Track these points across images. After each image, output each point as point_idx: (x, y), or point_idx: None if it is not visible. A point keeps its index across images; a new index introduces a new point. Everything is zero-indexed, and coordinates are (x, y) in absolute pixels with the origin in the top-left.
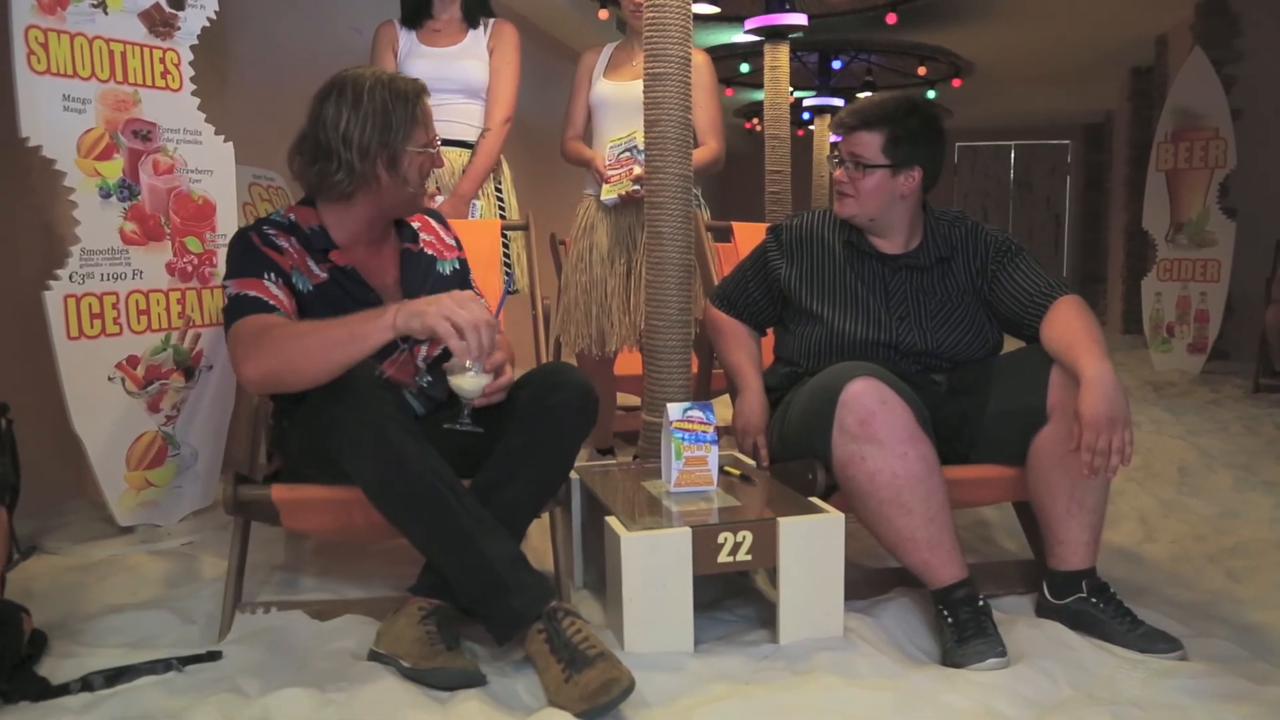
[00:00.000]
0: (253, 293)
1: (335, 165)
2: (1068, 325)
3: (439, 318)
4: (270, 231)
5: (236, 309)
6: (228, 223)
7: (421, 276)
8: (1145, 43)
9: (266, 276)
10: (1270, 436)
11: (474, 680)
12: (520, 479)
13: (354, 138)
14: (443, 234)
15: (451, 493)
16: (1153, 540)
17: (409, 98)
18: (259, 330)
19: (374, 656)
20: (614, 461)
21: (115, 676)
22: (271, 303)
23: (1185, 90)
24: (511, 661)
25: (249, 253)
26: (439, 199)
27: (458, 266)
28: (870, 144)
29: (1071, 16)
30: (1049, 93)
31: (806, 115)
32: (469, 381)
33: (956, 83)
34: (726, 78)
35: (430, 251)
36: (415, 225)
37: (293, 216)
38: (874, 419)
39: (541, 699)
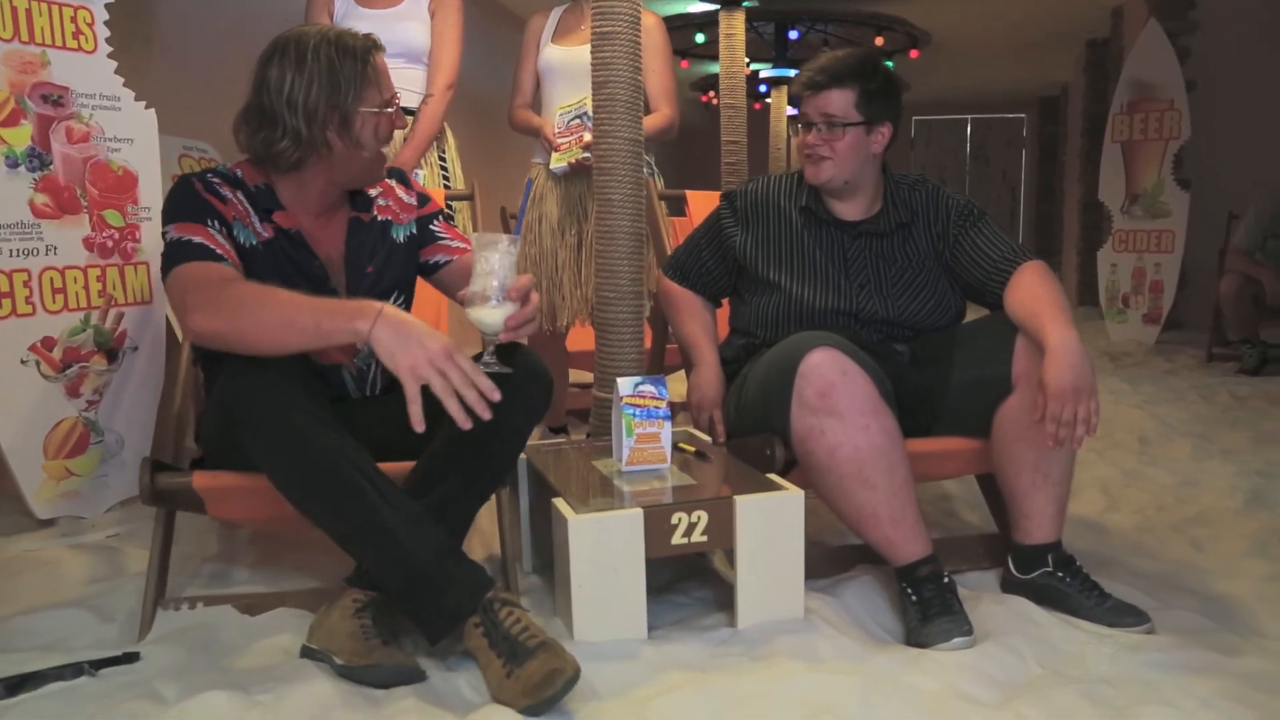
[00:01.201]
0: (198, 239)
1: (280, 132)
2: (1032, 292)
3: (411, 373)
4: (213, 180)
5: (179, 253)
6: (152, 195)
7: (370, 249)
8: (1101, 14)
9: (210, 224)
10: (1225, 405)
11: (412, 677)
12: (464, 468)
13: (299, 101)
14: (402, 194)
15: (369, 483)
16: (1115, 510)
17: (358, 54)
18: (216, 282)
19: (306, 653)
20: (565, 441)
21: (18, 685)
22: (218, 250)
23: (1140, 62)
24: (456, 654)
25: (191, 198)
26: None
27: (414, 231)
28: (843, 101)
29: None
30: (1005, 66)
31: (763, 88)
32: (489, 314)
33: (914, 54)
34: (682, 49)
35: (386, 217)
36: (373, 191)
37: (239, 172)
38: (834, 391)
39: (486, 694)
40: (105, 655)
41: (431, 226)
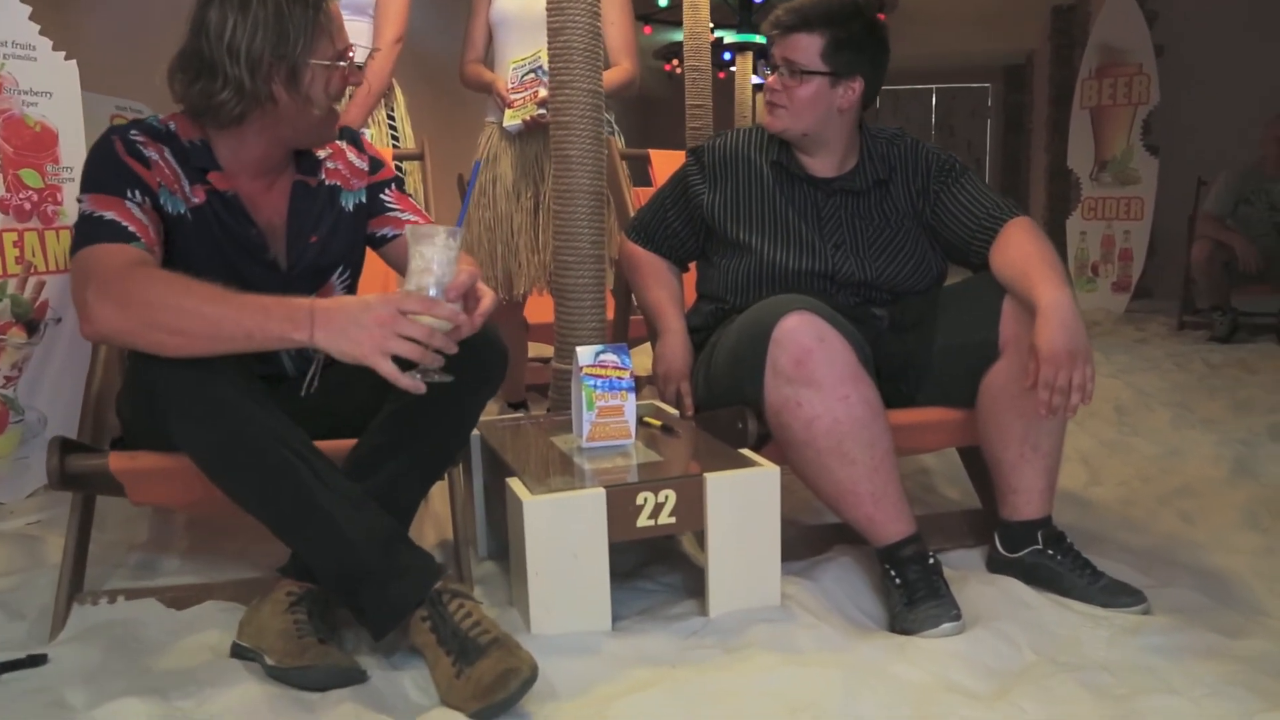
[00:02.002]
0: (110, 214)
1: (220, 83)
2: (1020, 250)
3: (376, 354)
4: (138, 138)
5: (88, 232)
6: (73, 153)
7: (315, 217)
8: None
9: (129, 195)
10: (1200, 373)
11: (350, 678)
12: (410, 447)
13: (241, 48)
14: (353, 157)
15: (305, 464)
16: (1099, 483)
17: (309, 1)
18: (123, 269)
19: (236, 652)
20: (522, 416)
21: None
22: (131, 229)
23: (1108, 26)
24: (402, 650)
25: (110, 163)
26: None
27: (363, 200)
28: (809, 48)
29: None
30: (971, 33)
31: (727, 55)
32: (425, 317)
33: (880, 18)
34: (644, 14)
35: (334, 182)
36: (322, 153)
37: (172, 125)
38: (810, 358)
39: (434, 696)
40: (8, 658)
41: (383, 195)
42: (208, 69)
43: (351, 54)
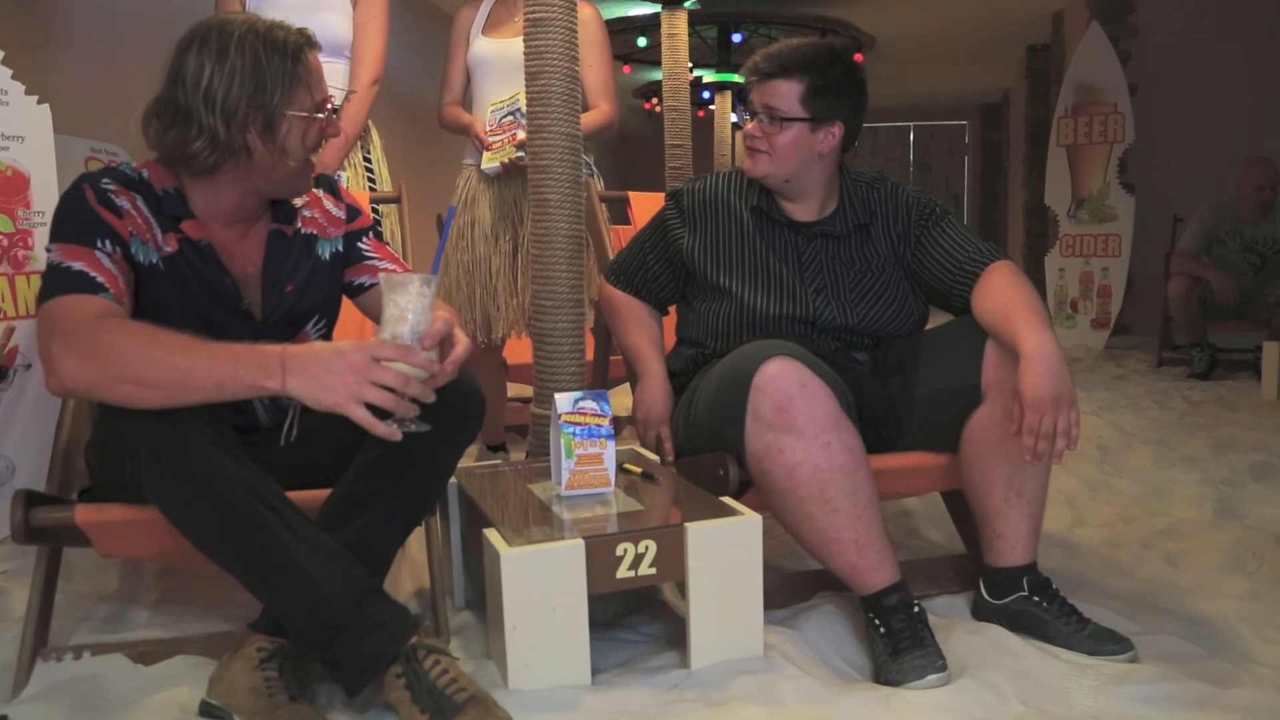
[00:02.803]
0: (79, 265)
1: (195, 131)
2: (1002, 294)
3: (351, 402)
4: (109, 186)
5: (55, 283)
6: (45, 198)
7: (291, 266)
8: (1042, 19)
9: (99, 245)
10: (1180, 410)
11: None
12: (386, 497)
13: (217, 97)
14: (330, 205)
15: (275, 515)
16: (1083, 524)
17: (288, 49)
18: (88, 321)
19: (206, 710)
20: (501, 462)
21: None
22: (100, 279)
23: (1083, 65)
24: (377, 707)
25: (80, 212)
26: None
27: (340, 249)
28: (788, 94)
29: None
30: (947, 72)
31: (706, 94)
32: (400, 365)
33: (858, 58)
34: (623, 54)
35: (311, 230)
36: (299, 202)
37: (145, 173)
38: (792, 405)
39: None
40: None
41: (360, 244)
42: (182, 117)
43: (331, 104)
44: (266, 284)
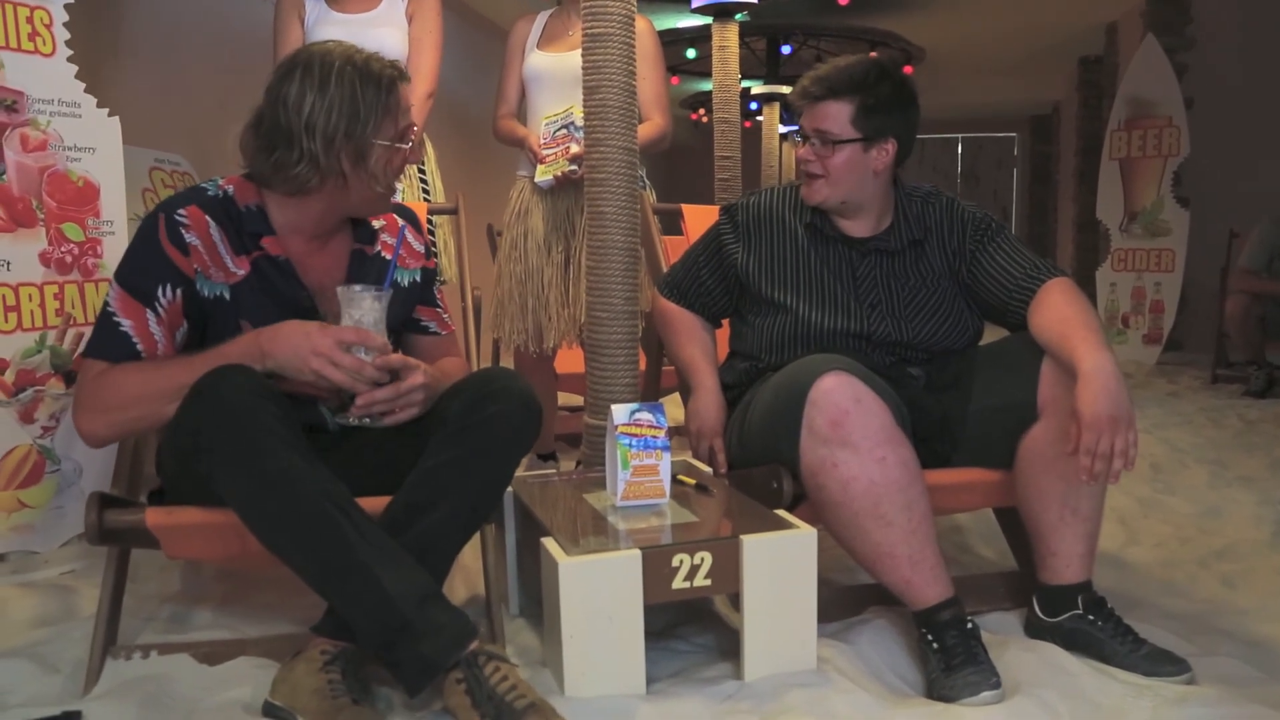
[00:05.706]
0: (127, 324)
1: (297, 155)
2: (1060, 312)
3: (327, 365)
4: (182, 219)
5: (99, 337)
6: (114, 207)
7: (372, 283)
8: (1095, 31)
9: (159, 298)
10: (1236, 429)
11: None
12: (446, 502)
13: (318, 125)
14: (411, 238)
15: (346, 517)
16: (1136, 543)
17: (382, 83)
18: (94, 380)
19: (269, 710)
20: (554, 471)
21: None
22: (140, 347)
23: (1137, 78)
24: (435, 713)
25: (149, 254)
26: None
27: (418, 279)
28: (839, 116)
29: (1024, 2)
30: (997, 84)
31: (754, 105)
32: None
33: (908, 70)
34: (673, 65)
35: (389, 255)
36: (377, 224)
37: (230, 189)
38: (847, 419)
39: None
40: (42, 715)
41: (434, 289)
42: (284, 140)
43: (413, 134)
44: None
